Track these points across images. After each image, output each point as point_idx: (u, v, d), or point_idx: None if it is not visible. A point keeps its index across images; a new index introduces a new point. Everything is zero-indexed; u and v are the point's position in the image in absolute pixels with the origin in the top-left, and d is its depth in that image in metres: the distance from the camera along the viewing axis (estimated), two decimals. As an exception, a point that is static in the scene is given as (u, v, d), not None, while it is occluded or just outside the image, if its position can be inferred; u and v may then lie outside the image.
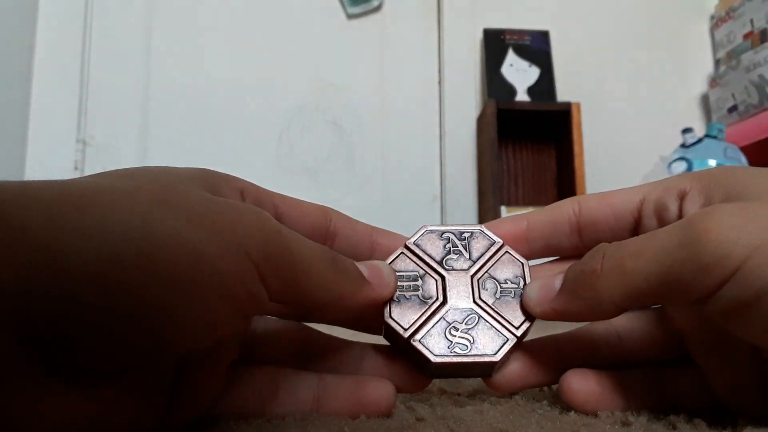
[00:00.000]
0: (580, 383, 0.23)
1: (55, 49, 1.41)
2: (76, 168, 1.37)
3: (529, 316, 0.23)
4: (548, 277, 0.22)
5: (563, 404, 0.24)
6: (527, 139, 1.45)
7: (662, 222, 0.22)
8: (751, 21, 1.40)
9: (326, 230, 0.24)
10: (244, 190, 0.22)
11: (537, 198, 1.42)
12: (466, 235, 0.24)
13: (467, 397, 0.27)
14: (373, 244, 0.25)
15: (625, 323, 0.24)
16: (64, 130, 1.38)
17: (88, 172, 1.36)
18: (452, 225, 0.25)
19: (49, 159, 1.36)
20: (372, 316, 0.24)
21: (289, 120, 1.47)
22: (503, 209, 1.26)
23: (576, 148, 1.30)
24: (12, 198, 0.14)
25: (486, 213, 1.31)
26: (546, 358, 0.24)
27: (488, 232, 0.24)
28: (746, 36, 1.41)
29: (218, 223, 0.16)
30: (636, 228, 0.24)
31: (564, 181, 1.37)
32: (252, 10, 1.49)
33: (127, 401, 0.16)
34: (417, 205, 1.44)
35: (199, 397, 0.20)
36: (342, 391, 0.22)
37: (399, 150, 1.48)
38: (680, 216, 0.22)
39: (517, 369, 0.23)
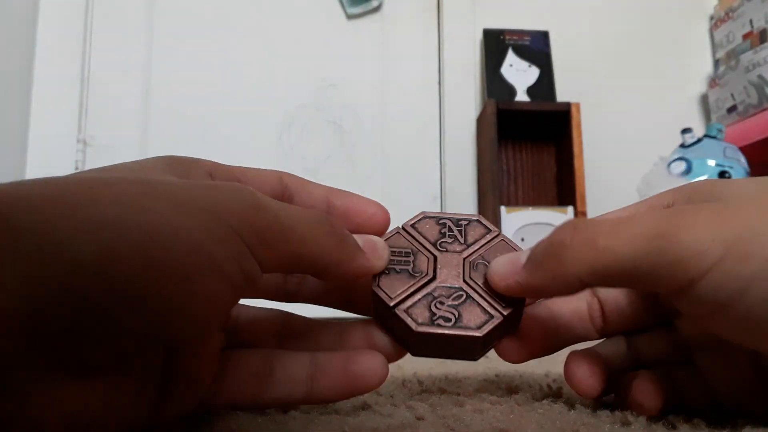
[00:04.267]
0: (586, 372, 0.23)
1: (56, 49, 1.41)
2: (76, 168, 1.37)
3: (518, 298, 0.23)
4: (516, 253, 0.22)
5: (563, 403, 0.24)
6: (527, 139, 1.45)
7: None
8: (751, 21, 1.40)
9: (282, 195, 0.24)
10: (212, 171, 0.22)
11: (537, 198, 1.42)
12: (463, 222, 0.25)
13: (467, 397, 0.27)
14: (330, 207, 0.25)
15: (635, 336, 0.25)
16: (65, 131, 1.38)
17: (88, 172, 1.35)
18: (451, 213, 0.25)
19: (49, 159, 1.36)
20: (361, 295, 0.24)
21: (289, 120, 1.47)
22: (503, 209, 1.26)
23: (576, 148, 1.30)
24: (6, 200, 0.14)
25: (486, 213, 1.31)
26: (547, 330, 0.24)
27: (485, 222, 0.25)
28: (745, 36, 1.41)
29: (203, 207, 0.16)
30: None
31: (564, 181, 1.38)
32: (252, 10, 1.49)
33: (125, 391, 0.16)
34: (417, 205, 1.44)
35: (192, 385, 0.20)
36: (334, 368, 0.22)
37: (399, 150, 1.48)
38: None
39: (517, 343, 0.24)
